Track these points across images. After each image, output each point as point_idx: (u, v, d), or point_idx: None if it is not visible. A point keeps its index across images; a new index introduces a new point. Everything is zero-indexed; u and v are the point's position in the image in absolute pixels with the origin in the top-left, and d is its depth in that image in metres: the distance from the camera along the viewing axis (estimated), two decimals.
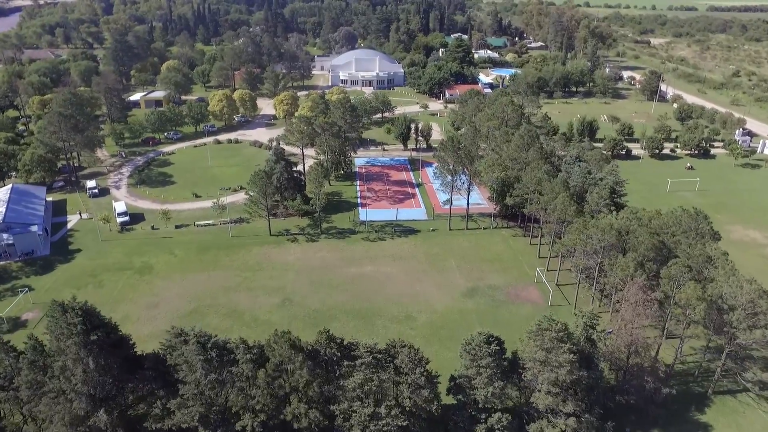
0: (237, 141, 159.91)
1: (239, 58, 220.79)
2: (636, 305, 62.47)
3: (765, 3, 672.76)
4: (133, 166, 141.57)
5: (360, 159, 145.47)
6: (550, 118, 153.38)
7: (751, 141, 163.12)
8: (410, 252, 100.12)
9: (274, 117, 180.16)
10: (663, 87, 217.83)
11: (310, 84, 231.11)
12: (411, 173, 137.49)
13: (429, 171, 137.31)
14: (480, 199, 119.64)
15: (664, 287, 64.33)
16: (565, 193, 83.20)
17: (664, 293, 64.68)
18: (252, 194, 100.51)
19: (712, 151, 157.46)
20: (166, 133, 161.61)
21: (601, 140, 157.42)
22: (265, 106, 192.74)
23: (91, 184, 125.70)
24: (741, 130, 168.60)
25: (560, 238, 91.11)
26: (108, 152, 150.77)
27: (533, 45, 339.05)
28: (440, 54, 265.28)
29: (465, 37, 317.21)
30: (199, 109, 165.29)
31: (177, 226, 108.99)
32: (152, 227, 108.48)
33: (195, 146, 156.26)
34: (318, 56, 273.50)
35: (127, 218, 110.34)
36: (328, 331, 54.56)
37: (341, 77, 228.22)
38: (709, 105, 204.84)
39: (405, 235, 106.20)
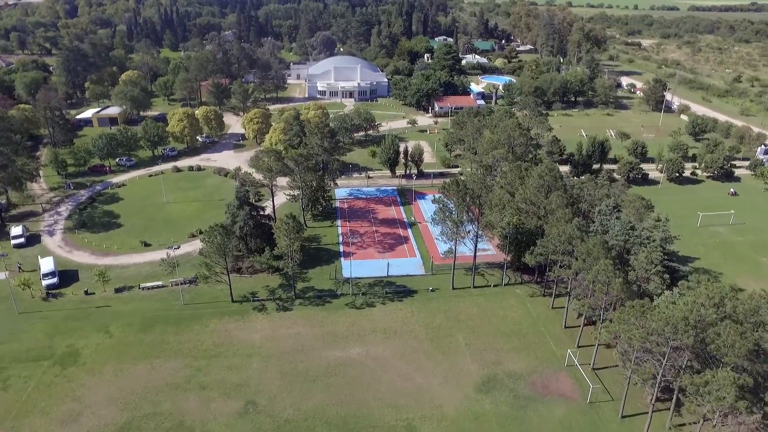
0: (199, 168, 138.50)
1: (205, 68, 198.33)
2: None
3: (745, 3, 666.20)
4: (74, 203, 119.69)
5: (341, 190, 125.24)
6: (559, 140, 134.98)
7: None
8: (406, 324, 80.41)
9: (243, 137, 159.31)
10: (668, 96, 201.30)
11: (284, 96, 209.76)
12: (402, 208, 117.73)
13: (422, 204, 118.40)
14: (486, 244, 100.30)
15: None
16: (608, 260, 64.44)
17: None
18: (206, 257, 79.94)
19: (736, 172, 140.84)
20: (117, 159, 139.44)
21: (614, 161, 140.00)
22: (234, 123, 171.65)
23: (16, 230, 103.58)
24: (763, 147, 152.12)
25: (594, 309, 72.52)
26: (47, 185, 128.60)
27: (522, 48, 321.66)
28: (426, 60, 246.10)
29: (450, 40, 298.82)
30: (157, 130, 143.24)
31: (117, 290, 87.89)
32: (86, 292, 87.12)
33: (150, 175, 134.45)
34: (294, 63, 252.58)
35: (54, 280, 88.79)
36: None
37: (319, 88, 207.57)
38: (718, 116, 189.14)
39: (399, 298, 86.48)
